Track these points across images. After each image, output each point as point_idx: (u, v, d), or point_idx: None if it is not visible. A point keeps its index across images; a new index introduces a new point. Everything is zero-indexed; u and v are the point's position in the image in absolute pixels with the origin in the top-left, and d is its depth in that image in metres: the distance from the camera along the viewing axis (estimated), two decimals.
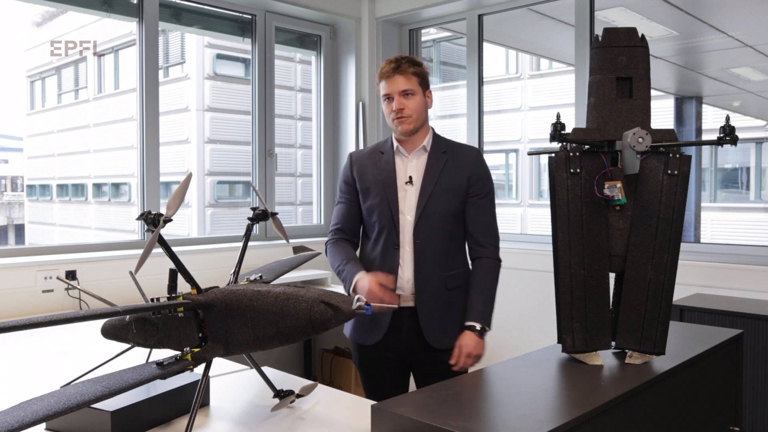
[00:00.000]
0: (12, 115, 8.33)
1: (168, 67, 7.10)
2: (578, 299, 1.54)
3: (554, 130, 1.55)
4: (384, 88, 2.08)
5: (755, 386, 2.42)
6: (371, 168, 2.14)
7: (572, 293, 1.54)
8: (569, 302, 1.54)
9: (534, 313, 3.17)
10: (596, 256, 1.55)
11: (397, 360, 2.14)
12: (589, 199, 1.56)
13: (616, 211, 1.56)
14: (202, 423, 1.47)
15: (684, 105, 6.09)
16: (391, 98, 2.07)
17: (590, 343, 1.53)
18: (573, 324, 1.53)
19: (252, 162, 4.05)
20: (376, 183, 2.11)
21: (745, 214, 7.41)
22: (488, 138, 4.17)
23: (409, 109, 2.06)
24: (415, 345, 2.09)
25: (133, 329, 1.43)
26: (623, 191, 1.52)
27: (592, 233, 1.56)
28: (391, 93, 2.06)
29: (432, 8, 4.05)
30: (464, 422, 1.11)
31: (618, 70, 1.60)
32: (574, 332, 1.53)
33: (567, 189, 1.56)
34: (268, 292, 1.28)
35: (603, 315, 1.55)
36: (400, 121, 2.07)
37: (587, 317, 1.54)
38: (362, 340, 2.15)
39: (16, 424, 1.00)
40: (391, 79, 2.05)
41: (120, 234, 7.81)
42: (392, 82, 2.05)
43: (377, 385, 2.19)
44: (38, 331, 1.12)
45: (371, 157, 2.18)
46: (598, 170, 1.57)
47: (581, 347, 1.53)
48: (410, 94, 2.06)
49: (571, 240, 1.56)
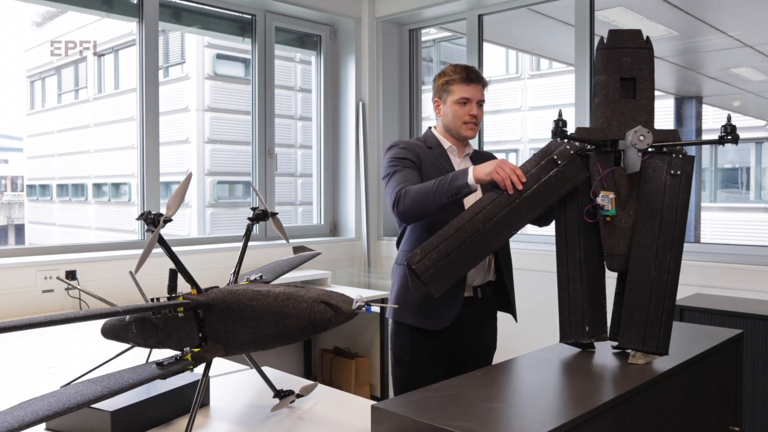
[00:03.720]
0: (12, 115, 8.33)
1: (168, 67, 7.09)
2: (455, 240, 1.59)
3: (556, 127, 1.57)
4: (462, 92, 2.16)
5: (755, 386, 2.42)
6: (428, 160, 2.16)
7: (457, 231, 1.59)
8: (448, 235, 1.60)
9: (534, 313, 3.16)
10: (503, 227, 1.61)
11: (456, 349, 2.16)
12: (544, 190, 1.60)
13: (606, 221, 1.58)
14: (202, 423, 1.47)
15: (684, 105, 6.09)
16: (469, 103, 2.16)
17: (427, 276, 1.58)
18: (432, 251, 1.60)
19: (252, 162, 4.05)
20: (440, 173, 2.10)
21: (745, 214, 7.41)
22: (488, 138, 4.17)
23: (479, 119, 2.19)
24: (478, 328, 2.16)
25: (133, 329, 1.43)
26: (615, 203, 1.55)
27: (519, 212, 1.61)
28: (472, 98, 2.16)
29: (432, 8, 4.06)
30: (464, 422, 1.11)
31: (622, 71, 1.62)
32: (425, 257, 1.59)
33: (536, 164, 1.62)
34: (268, 292, 1.28)
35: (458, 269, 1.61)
36: (471, 126, 2.17)
37: (446, 258, 1.59)
38: (425, 324, 2.11)
39: (16, 424, 1.00)
40: (472, 85, 2.16)
41: (120, 234, 7.80)
42: (474, 89, 2.16)
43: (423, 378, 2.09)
44: (38, 331, 1.11)
45: (422, 149, 2.19)
46: (574, 176, 1.59)
47: (418, 270, 1.58)
48: (481, 105, 2.20)
49: (498, 199, 1.62)
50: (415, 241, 2.14)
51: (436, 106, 2.24)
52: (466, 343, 2.16)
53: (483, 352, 2.22)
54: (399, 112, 4.44)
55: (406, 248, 2.18)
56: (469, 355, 2.17)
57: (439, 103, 2.22)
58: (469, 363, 2.08)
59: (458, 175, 1.87)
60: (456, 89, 2.16)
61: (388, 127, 4.37)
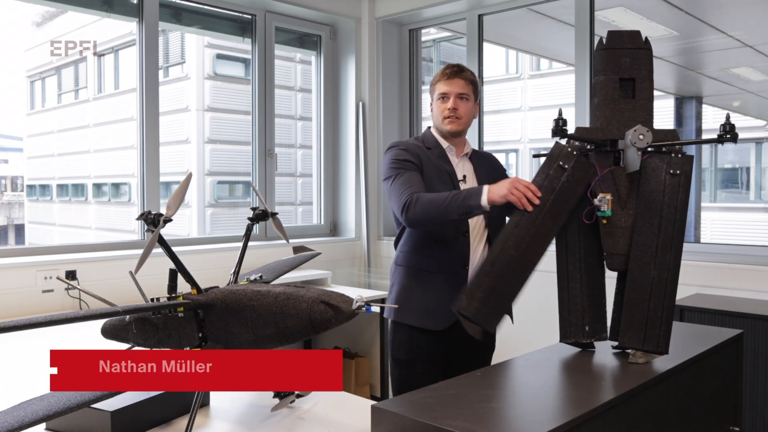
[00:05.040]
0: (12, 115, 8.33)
1: (168, 67, 7.09)
2: (495, 274, 1.57)
3: (556, 126, 1.57)
4: (441, 88, 2.17)
5: (755, 386, 2.42)
6: (428, 161, 2.15)
7: (493, 265, 1.58)
8: (487, 271, 1.58)
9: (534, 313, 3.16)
10: (535, 247, 1.59)
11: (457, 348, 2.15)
12: (560, 198, 1.60)
13: (603, 222, 1.58)
14: (202, 423, 1.47)
15: (684, 105, 6.09)
16: (447, 98, 2.15)
17: (481, 317, 1.56)
18: (478, 291, 1.57)
19: (252, 162, 4.05)
20: (440, 174, 2.13)
21: (745, 214, 7.41)
22: (488, 138, 4.17)
23: (461, 112, 2.16)
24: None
25: (133, 329, 1.43)
26: (611, 204, 1.55)
27: (545, 227, 1.60)
28: (449, 93, 2.15)
29: (432, 8, 4.06)
30: (464, 422, 1.11)
31: (621, 71, 1.63)
32: (474, 299, 1.56)
33: (546, 176, 1.62)
34: (268, 292, 1.28)
35: (507, 299, 1.60)
36: (451, 120, 2.16)
37: (493, 293, 1.57)
38: (427, 324, 2.10)
39: (16, 424, 1.00)
40: (451, 80, 2.15)
41: (120, 234, 7.80)
42: (452, 83, 2.15)
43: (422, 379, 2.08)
44: (38, 331, 1.11)
45: (422, 150, 2.18)
46: (585, 176, 1.60)
47: (470, 315, 1.56)
48: (465, 98, 2.17)
49: (521, 221, 1.61)
50: (414, 242, 2.14)
51: (430, 110, 2.25)
52: (465, 343, 2.16)
53: (481, 352, 2.22)
54: (399, 112, 4.44)
55: (405, 249, 2.18)
56: (467, 354, 2.17)
57: (431, 105, 2.24)
58: (468, 363, 2.08)
59: (472, 193, 1.86)
60: (438, 87, 2.19)
61: (388, 127, 4.37)
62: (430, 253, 2.11)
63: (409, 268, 2.15)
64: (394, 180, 2.06)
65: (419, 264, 2.13)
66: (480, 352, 2.21)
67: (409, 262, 2.15)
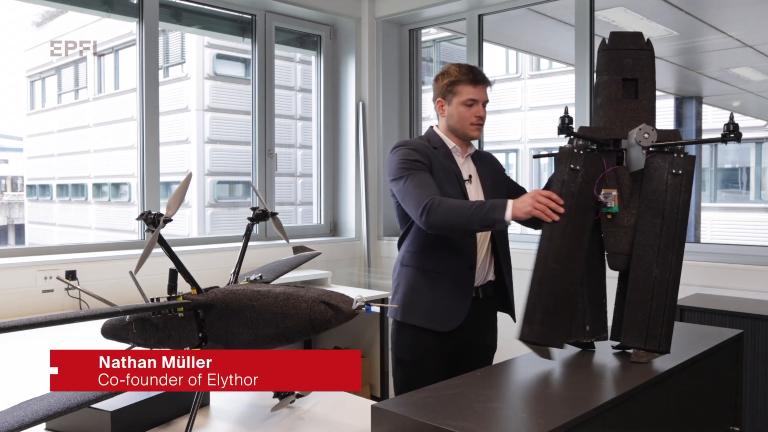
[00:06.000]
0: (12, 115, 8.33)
1: (168, 67, 7.09)
2: (546, 292, 1.55)
3: (562, 124, 1.57)
4: (470, 92, 2.15)
5: (755, 386, 2.42)
6: (436, 160, 2.15)
7: (541, 284, 1.56)
8: (536, 292, 1.56)
9: None
10: (574, 254, 1.57)
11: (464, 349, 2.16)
12: (582, 198, 1.58)
13: (607, 219, 1.58)
14: (202, 423, 1.47)
15: (684, 105, 6.09)
16: (474, 104, 2.16)
17: (546, 338, 1.54)
18: (535, 314, 1.55)
19: (252, 162, 4.05)
20: (447, 174, 2.12)
21: (745, 214, 7.41)
22: (488, 138, 4.17)
23: (484, 119, 2.20)
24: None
25: (133, 329, 1.43)
26: (618, 200, 1.55)
27: (576, 232, 1.58)
28: (479, 100, 2.17)
29: (432, 8, 4.05)
30: (464, 422, 1.11)
31: (624, 72, 1.64)
32: (534, 323, 1.54)
33: (562, 183, 1.59)
34: (268, 292, 1.28)
35: (565, 313, 1.56)
36: (478, 127, 2.18)
37: (550, 312, 1.54)
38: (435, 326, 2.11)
39: (16, 424, 1.00)
40: (479, 87, 2.17)
41: (120, 234, 7.80)
42: (480, 90, 2.17)
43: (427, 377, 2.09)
44: (38, 331, 1.11)
45: (429, 149, 2.17)
46: (598, 172, 1.59)
47: (536, 339, 1.54)
48: (486, 105, 2.21)
49: (553, 233, 1.58)
50: (421, 243, 2.13)
51: (439, 107, 2.21)
52: (468, 343, 2.16)
53: (484, 352, 2.22)
54: (399, 112, 4.44)
55: (412, 249, 2.16)
56: (470, 355, 2.17)
57: (443, 103, 2.19)
58: (470, 363, 2.08)
59: (496, 207, 1.84)
60: (463, 90, 2.15)
61: (388, 127, 4.37)
62: (437, 254, 2.11)
63: (416, 269, 2.14)
64: (407, 180, 2.04)
65: (427, 265, 2.12)
66: (483, 352, 2.22)
67: (417, 263, 2.14)
